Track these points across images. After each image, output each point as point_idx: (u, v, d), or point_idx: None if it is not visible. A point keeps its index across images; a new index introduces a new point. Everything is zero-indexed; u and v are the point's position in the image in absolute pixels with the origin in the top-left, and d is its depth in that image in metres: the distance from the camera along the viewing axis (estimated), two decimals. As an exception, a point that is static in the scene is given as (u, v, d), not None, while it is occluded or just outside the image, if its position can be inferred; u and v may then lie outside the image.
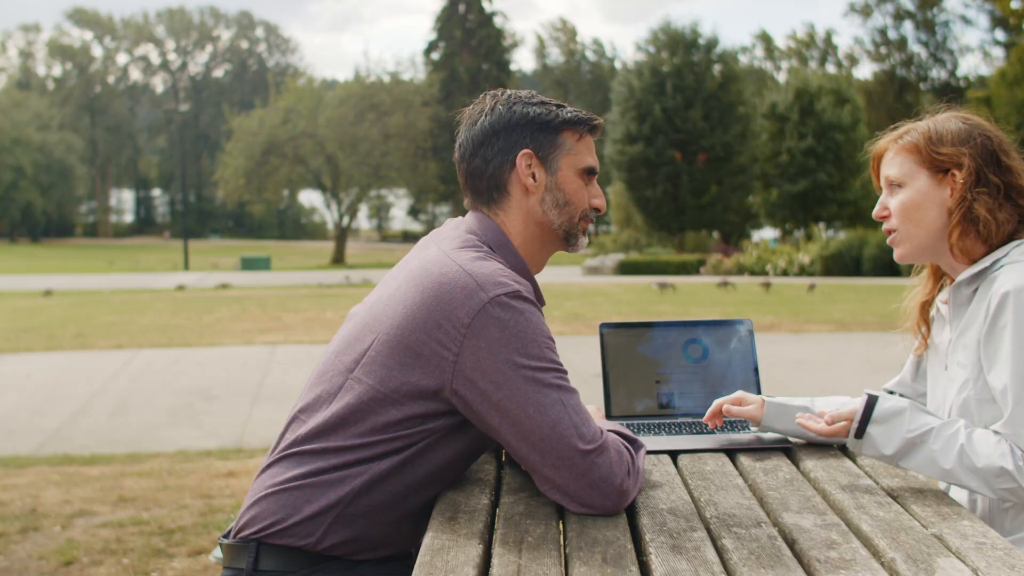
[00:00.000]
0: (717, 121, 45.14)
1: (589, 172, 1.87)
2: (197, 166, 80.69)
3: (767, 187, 44.54)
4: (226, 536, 1.78)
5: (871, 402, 1.78)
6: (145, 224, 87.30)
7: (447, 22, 53.31)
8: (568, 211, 1.84)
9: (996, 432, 1.73)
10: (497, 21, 54.76)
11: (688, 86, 44.72)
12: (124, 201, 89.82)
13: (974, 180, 1.83)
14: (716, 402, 2.02)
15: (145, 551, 4.33)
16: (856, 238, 31.98)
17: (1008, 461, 1.68)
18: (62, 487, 5.92)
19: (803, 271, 31.38)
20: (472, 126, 1.85)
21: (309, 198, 76.21)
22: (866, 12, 62.68)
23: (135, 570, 4.09)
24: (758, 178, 45.41)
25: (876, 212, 1.96)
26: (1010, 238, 1.84)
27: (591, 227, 1.97)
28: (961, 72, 64.91)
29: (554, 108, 1.85)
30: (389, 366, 1.65)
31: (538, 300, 1.81)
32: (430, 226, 71.99)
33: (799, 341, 12.80)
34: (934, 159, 1.87)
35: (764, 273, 31.33)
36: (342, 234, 50.26)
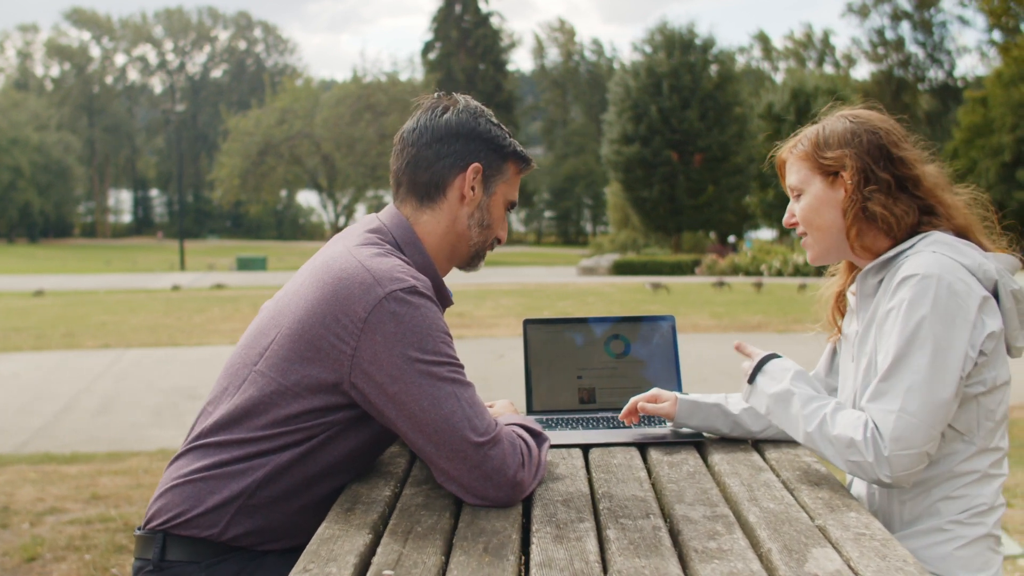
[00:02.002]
0: (713, 121, 45.14)
1: (511, 206, 1.95)
2: (195, 166, 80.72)
3: (763, 187, 44.52)
4: (141, 528, 1.81)
5: (771, 355, 1.88)
6: (143, 224, 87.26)
7: (443, 23, 53.36)
8: (486, 234, 1.91)
9: (862, 410, 1.76)
10: (494, 21, 54.87)
11: (685, 86, 44.71)
12: (122, 201, 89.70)
13: (862, 179, 1.85)
14: (632, 400, 2.05)
15: (108, 547, 4.36)
16: (851, 238, 31.94)
17: (859, 432, 1.70)
18: (38, 485, 5.95)
19: (797, 271, 31.39)
20: (435, 116, 1.87)
21: (307, 199, 76.19)
22: (864, 13, 62.68)
23: (96, 566, 4.11)
24: (754, 178, 45.39)
25: (785, 220, 1.99)
26: (915, 230, 1.86)
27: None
28: (958, 72, 64.94)
29: (507, 135, 1.91)
30: (290, 360, 1.69)
31: (442, 297, 1.84)
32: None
33: (785, 341, 12.82)
34: (821, 164, 1.90)
35: (759, 273, 31.35)
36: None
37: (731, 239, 45.51)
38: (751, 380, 1.89)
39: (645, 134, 44.47)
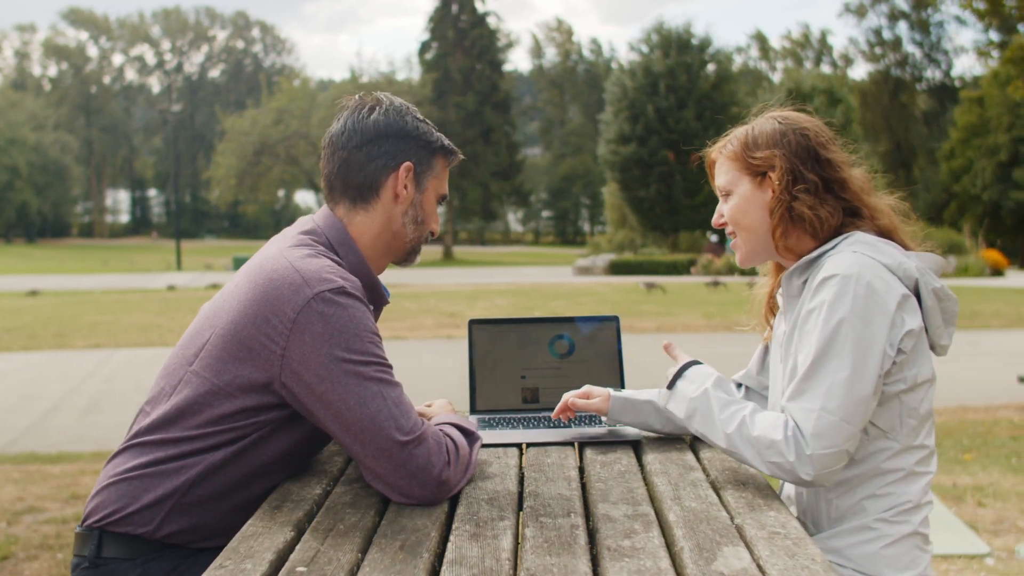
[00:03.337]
0: (710, 121, 45.09)
1: (443, 199, 1.97)
2: (193, 166, 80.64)
3: (759, 188, 44.43)
4: (80, 526, 1.83)
5: (693, 362, 1.90)
6: (141, 224, 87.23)
7: (440, 23, 53.29)
8: (421, 229, 1.94)
9: (782, 410, 1.77)
10: (491, 22, 54.76)
11: (681, 86, 44.76)
12: (120, 201, 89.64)
13: (790, 180, 1.86)
14: (564, 396, 2.07)
15: (81, 547, 4.38)
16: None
17: (779, 432, 1.71)
18: (20, 484, 5.98)
19: (793, 271, 31.34)
20: (362, 117, 1.89)
21: (305, 199, 76.11)
22: (861, 13, 62.64)
23: (67, 565, 4.13)
24: (751, 179, 45.30)
25: (714, 220, 2.01)
26: (838, 231, 1.88)
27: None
28: (956, 72, 64.95)
29: (435, 131, 1.94)
30: (224, 360, 1.71)
31: (376, 296, 1.87)
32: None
33: (775, 341, 12.81)
34: (750, 164, 1.91)
35: (754, 273, 31.30)
36: (335, 234, 50.02)
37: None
38: (671, 385, 1.90)
39: (642, 134, 44.51)
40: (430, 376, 10.30)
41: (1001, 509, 4.89)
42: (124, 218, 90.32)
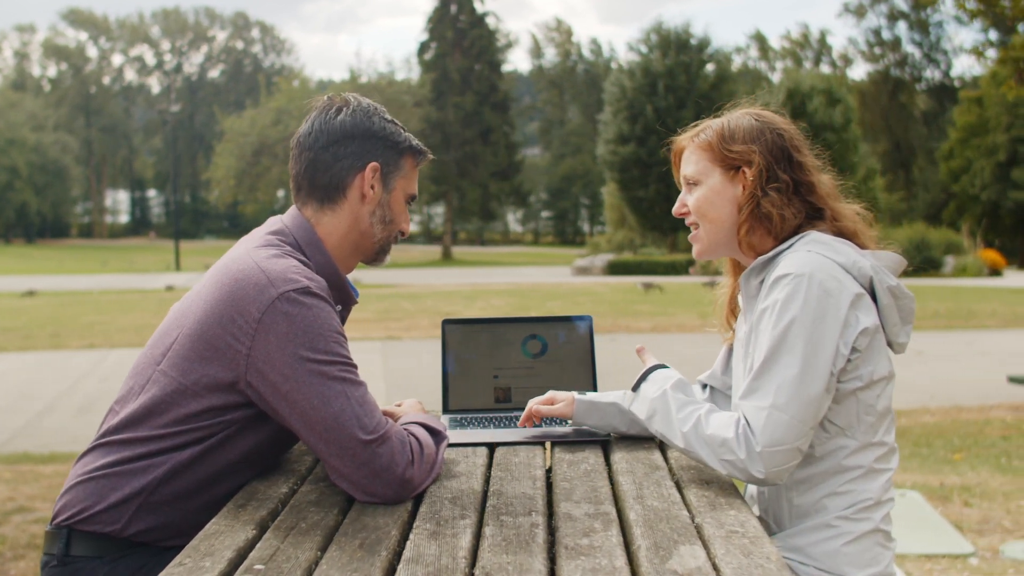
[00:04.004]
0: (711, 121, 45.11)
1: (412, 199, 1.98)
2: (192, 167, 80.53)
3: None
4: (50, 524, 1.85)
5: (659, 365, 1.92)
6: (141, 225, 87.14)
7: (438, 23, 53.28)
8: (389, 229, 1.95)
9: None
10: (490, 22, 54.75)
11: (680, 86, 44.77)
12: (120, 202, 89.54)
13: (764, 177, 1.87)
14: (528, 404, 2.08)
15: (69, 547, 4.40)
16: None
17: (731, 431, 1.72)
18: (11, 484, 6.00)
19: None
20: (329, 118, 1.90)
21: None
22: (860, 13, 62.65)
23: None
24: (750, 178, 45.33)
25: (676, 209, 2.01)
26: (797, 230, 1.89)
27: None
28: (955, 72, 64.98)
29: (403, 131, 1.95)
30: (190, 359, 1.73)
31: (344, 296, 1.88)
32: (424, 227, 72.05)
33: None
34: (726, 157, 1.91)
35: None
36: (334, 234, 49.86)
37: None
38: (635, 388, 1.92)
39: (641, 134, 44.49)
40: (428, 376, 10.31)
41: (987, 509, 4.90)
42: (123, 218, 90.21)
